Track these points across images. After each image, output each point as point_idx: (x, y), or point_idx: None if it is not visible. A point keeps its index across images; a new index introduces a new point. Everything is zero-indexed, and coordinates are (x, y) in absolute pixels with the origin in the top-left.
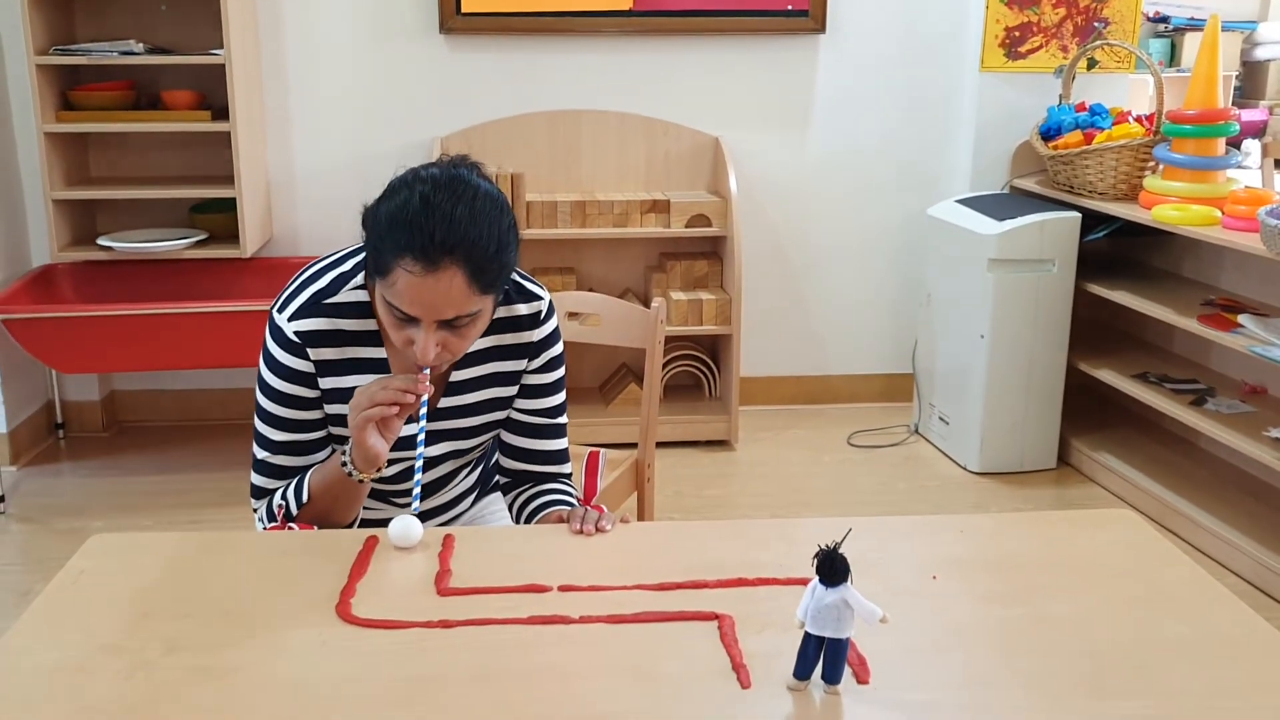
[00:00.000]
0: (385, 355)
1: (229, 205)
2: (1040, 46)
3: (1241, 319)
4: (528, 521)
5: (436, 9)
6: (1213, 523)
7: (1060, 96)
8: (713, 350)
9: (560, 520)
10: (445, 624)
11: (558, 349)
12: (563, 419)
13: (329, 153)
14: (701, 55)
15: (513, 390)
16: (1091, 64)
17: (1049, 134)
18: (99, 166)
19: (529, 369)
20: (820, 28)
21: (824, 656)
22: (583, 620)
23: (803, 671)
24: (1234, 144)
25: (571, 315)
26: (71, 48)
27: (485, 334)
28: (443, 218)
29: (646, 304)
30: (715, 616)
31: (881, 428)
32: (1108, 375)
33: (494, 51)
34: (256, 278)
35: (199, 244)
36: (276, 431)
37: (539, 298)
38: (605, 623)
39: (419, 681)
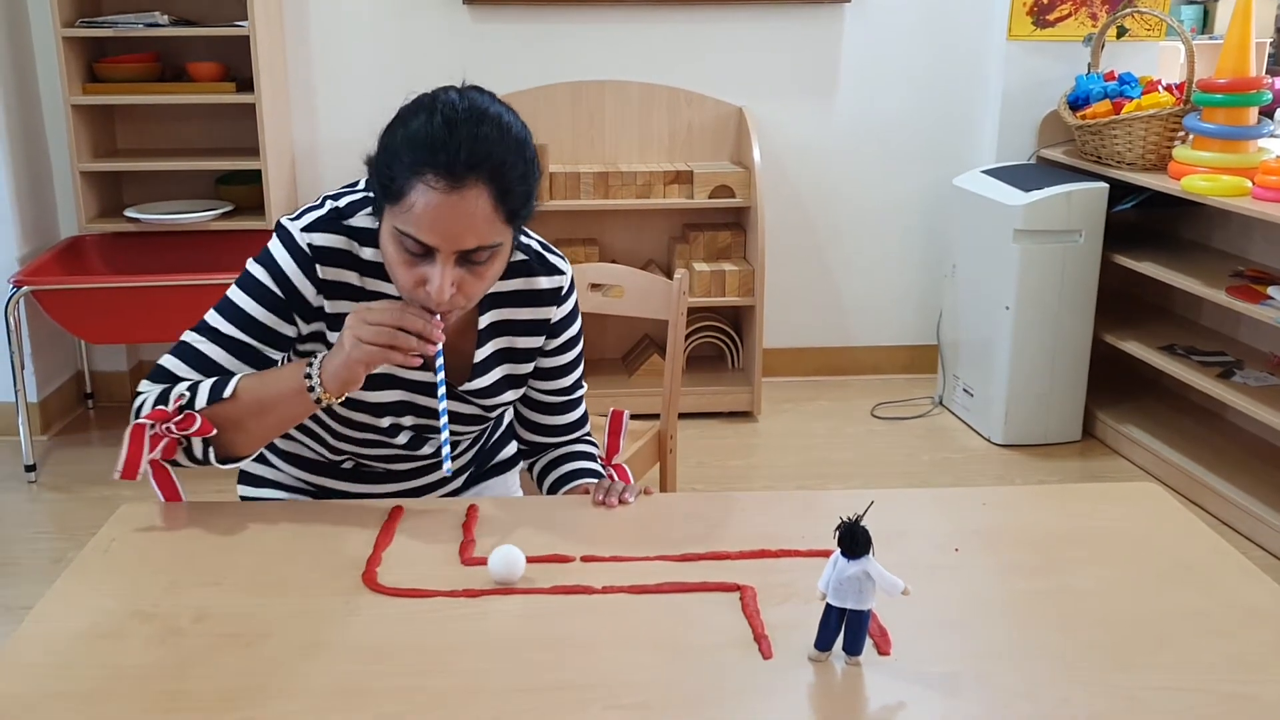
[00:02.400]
0: (396, 294)
1: (254, 177)
2: (1069, 14)
3: (1271, 290)
4: (552, 489)
5: None
6: (1239, 496)
7: (1089, 65)
8: (735, 321)
9: (585, 493)
10: (469, 593)
11: (576, 327)
12: (581, 391)
13: (353, 124)
14: (726, 25)
15: (528, 368)
16: (1121, 32)
17: (1077, 103)
18: (125, 138)
19: (546, 349)
20: None
21: (845, 628)
22: (605, 591)
23: (824, 643)
24: (1266, 113)
25: (594, 286)
26: (97, 20)
27: (504, 305)
28: (469, 134)
29: (669, 275)
30: (737, 587)
31: (905, 399)
32: (1134, 347)
33: (517, 22)
34: None
35: (225, 215)
36: (232, 327)
37: (561, 272)
38: (628, 593)
39: (443, 650)
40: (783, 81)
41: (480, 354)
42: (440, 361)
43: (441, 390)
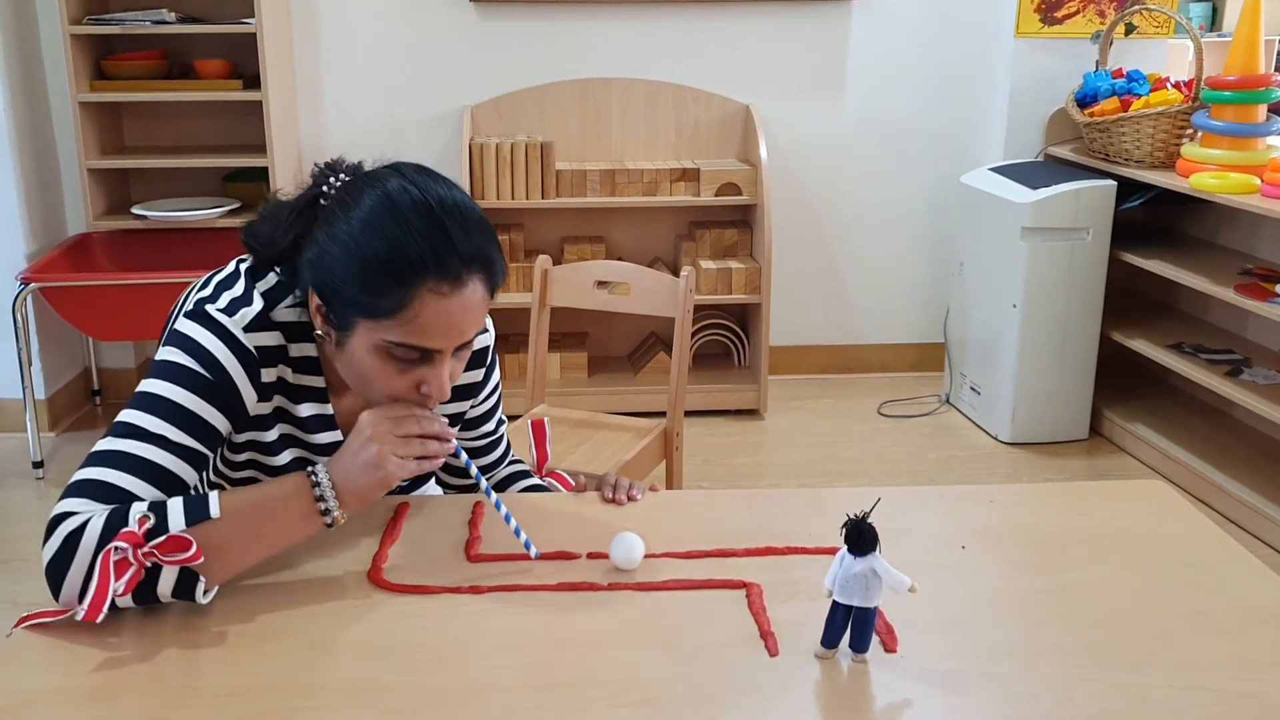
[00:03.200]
0: (324, 384)
1: (261, 174)
2: (1077, 11)
3: (1279, 289)
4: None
5: None
6: (1246, 494)
7: (1097, 62)
8: (742, 319)
9: (582, 489)
10: (475, 590)
11: (496, 375)
12: (504, 427)
13: (360, 121)
14: (732, 22)
15: (465, 406)
16: (1129, 29)
17: (1085, 101)
18: (133, 136)
19: (474, 406)
20: None
21: (852, 625)
22: (611, 587)
23: (830, 640)
24: (1275, 110)
25: (600, 284)
26: (105, 17)
27: None
28: (458, 231)
29: (676, 273)
30: (743, 585)
31: (912, 397)
32: (1141, 345)
33: (524, 20)
34: None
35: (232, 213)
36: (175, 429)
37: (486, 330)
38: (634, 590)
39: (449, 646)
40: (789, 79)
41: None
42: (466, 457)
43: (485, 483)
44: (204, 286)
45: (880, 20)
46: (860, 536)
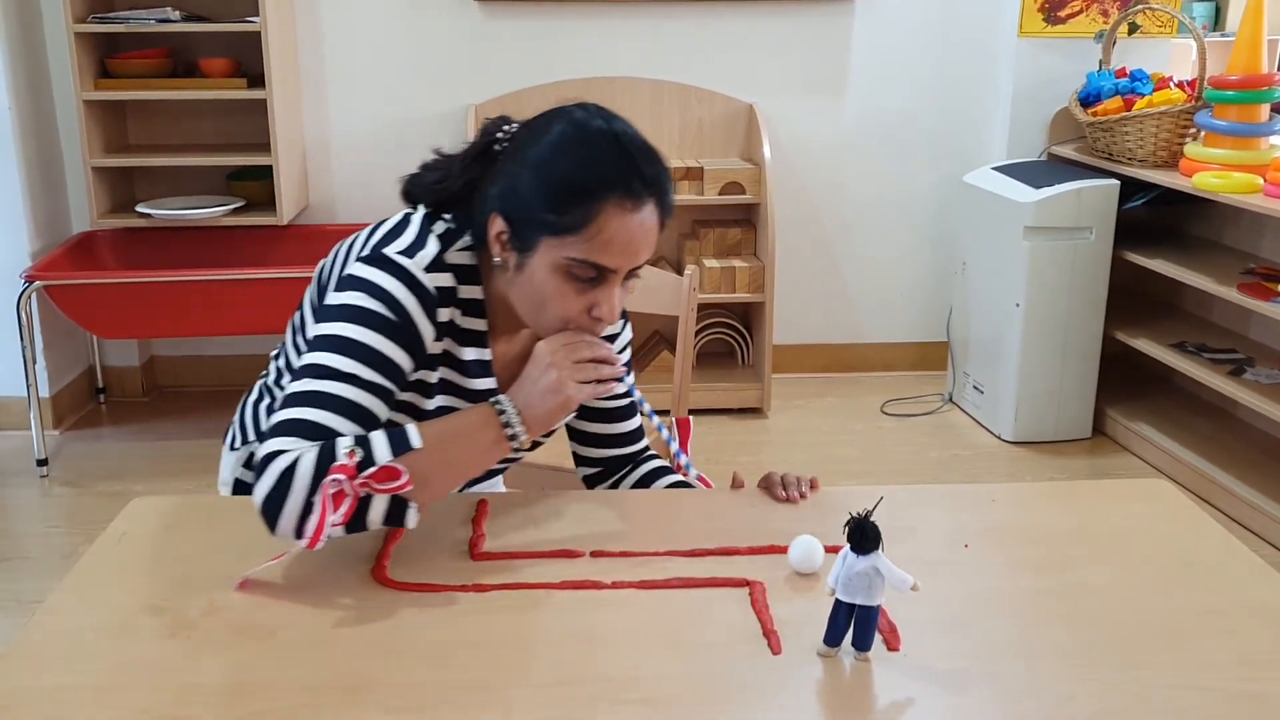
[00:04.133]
0: (486, 328)
1: (265, 173)
2: (1080, 11)
3: None
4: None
5: None
6: (1250, 494)
7: (1100, 62)
8: (745, 318)
9: (740, 487)
10: (479, 588)
11: (629, 332)
12: (634, 396)
13: (364, 120)
14: (736, 22)
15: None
16: (1133, 28)
17: (1088, 100)
18: (137, 134)
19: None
20: None
21: (854, 624)
22: (615, 586)
23: (833, 638)
24: (1278, 110)
25: None
26: (109, 16)
27: None
28: (640, 150)
29: (679, 271)
30: (746, 583)
31: (915, 396)
32: (1145, 344)
33: (528, 19)
34: (292, 245)
35: (236, 211)
36: (369, 370)
37: (625, 318)
38: (637, 588)
39: (452, 645)
40: (793, 78)
41: None
42: (632, 384)
43: (647, 405)
44: (371, 235)
45: (883, 19)
46: (863, 535)
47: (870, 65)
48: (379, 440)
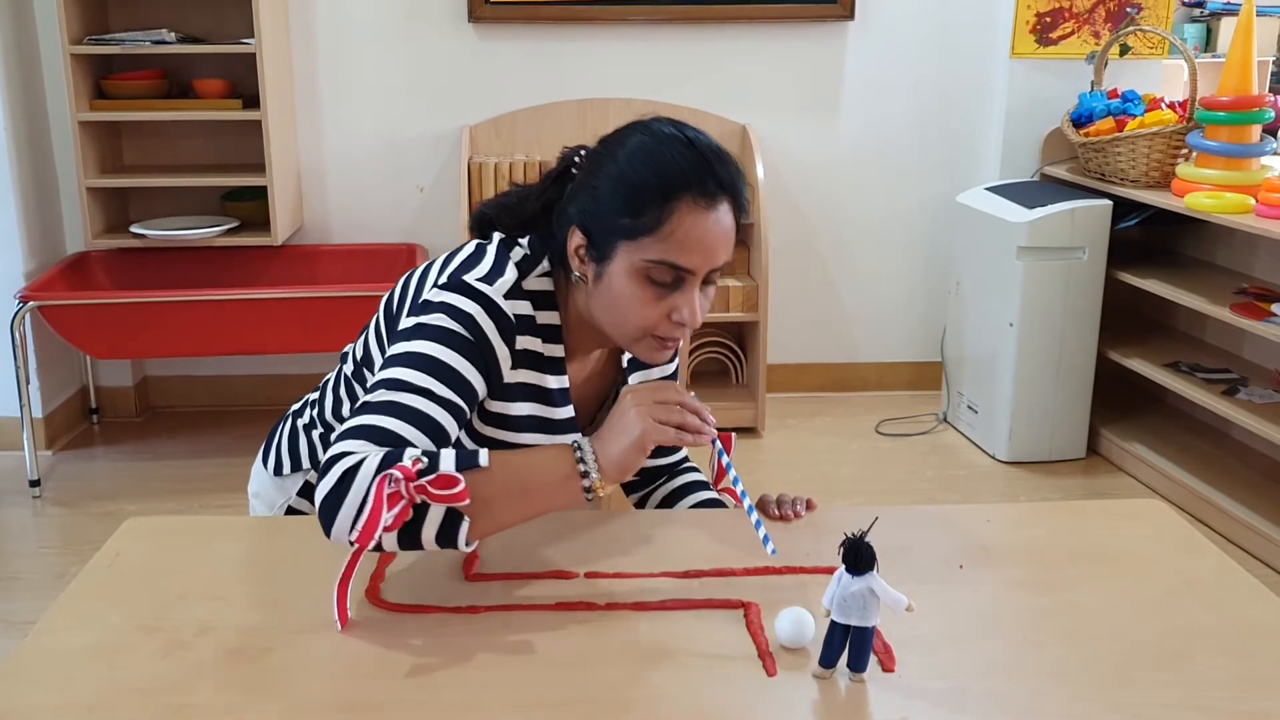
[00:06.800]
0: (563, 354)
1: (260, 193)
2: (1072, 32)
3: (1275, 308)
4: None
5: None
6: (1244, 513)
7: (1092, 83)
8: (739, 337)
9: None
10: (473, 609)
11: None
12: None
13: (359, 141)
14: (729, 43)
15: None
16: (1124, 50)
17: (1080, 121)
18: (132, 155)
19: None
20: (849, 14)
21: (850, 645)
22: (609, 607)
23: (828, 660)
24: (1269, 131)
25: None
26: (105, 37)
27: None
28: (715, 157)
29: None
30: (742, 604)
31: (909, 416)
32: (1138, 364)
33: (522, 40)
34: (287, 265)
35: (230, 232)
36: (445, 388)
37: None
38: (631, 610)
39: (446, 667)
40: (786, 99)
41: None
42: (717, 437)
43: (734, 475)
44: (448, 263)
45: (876, 40)
46: (858, 555)
47: (863, 86)
48: (447, 455)
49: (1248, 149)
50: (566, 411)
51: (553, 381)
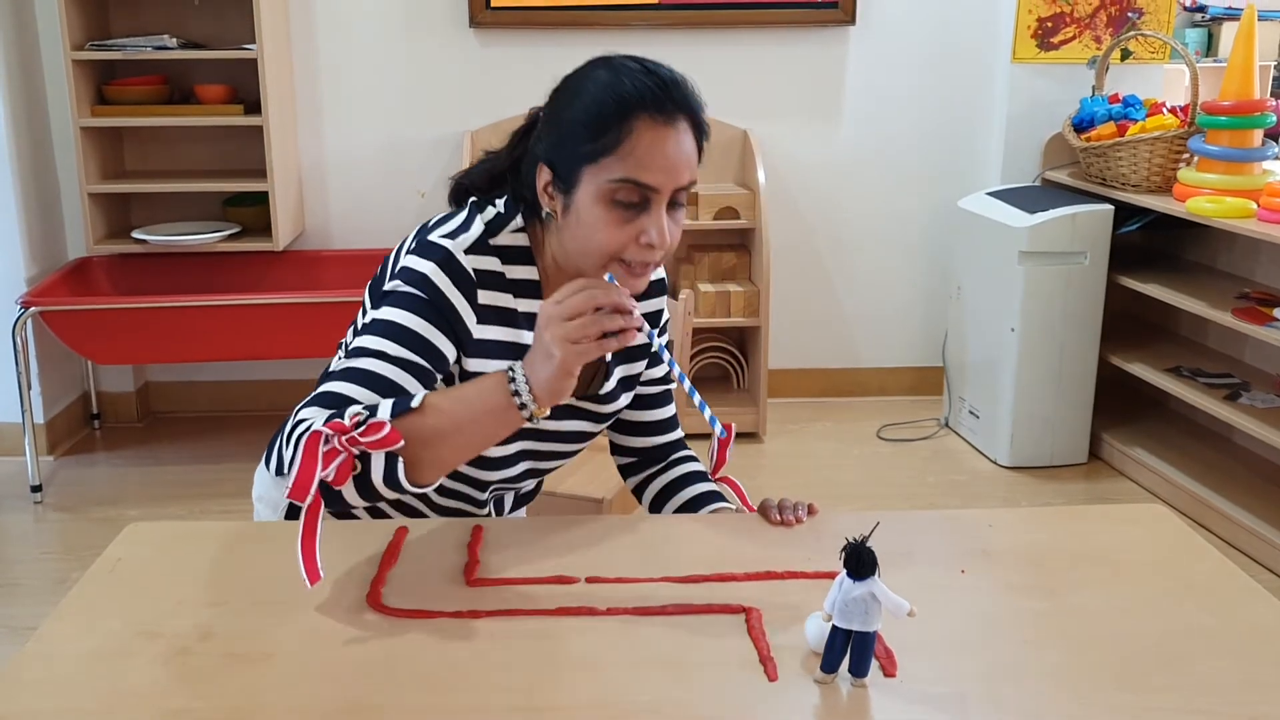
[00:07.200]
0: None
1: (261, 199)
2: (1073, 37)
3: (1277, 313)
4: (681, 508)
5: (466, 3)
6: (1246, 518)
7: (1093, 88)
8: (741, 342)
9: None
10: (474, 614)
11: (667, 312)
12: (671, 384)
13: (360, 146)
14: (730, 48)
15: (641, 365)
16: (1125, 55)
17: (1081, 125)
18: (133, 160)
19: (648, 367)
20: (850, 19)
21: (851, 649)
22: (610, 612)
23: (830, 664)
24: (1271, 135)
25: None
26: (106, 43)
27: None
28: (669, 78)
29: (674, 296)
30: (743, 609)
31: (911, 421)
32: (1140, 369)
33: (523, 45)
34: (288, 270)
35: (232, 237)
36: (400, 347)
37: (663, 279)
38: (633, 615)
39: (447, 671)
40: (787, 104)
41: (623, 370)
42: (653, 333)
43: (670, 358)
44: (420, 232)
45: (877, 45)
46: (859, 560)
47: (864, 91)
48: (384, 405)
49: (1249, 154)
50: None
51: (529, 337)
